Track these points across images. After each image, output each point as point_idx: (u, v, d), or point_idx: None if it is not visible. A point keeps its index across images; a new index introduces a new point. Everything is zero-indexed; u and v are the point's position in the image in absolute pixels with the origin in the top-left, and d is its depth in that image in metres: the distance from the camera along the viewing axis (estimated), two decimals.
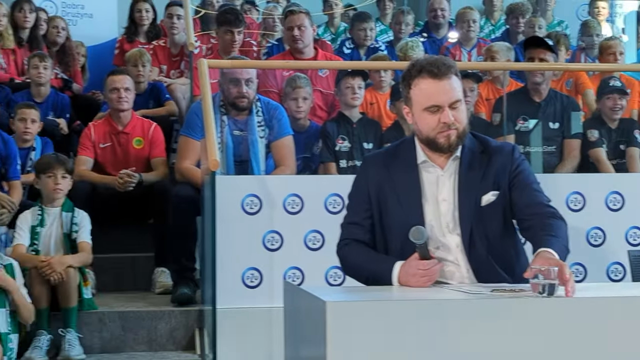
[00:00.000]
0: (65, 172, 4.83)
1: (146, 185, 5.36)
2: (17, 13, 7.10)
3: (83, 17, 8.33)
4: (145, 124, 5.72)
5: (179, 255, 4.86)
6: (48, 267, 4.48)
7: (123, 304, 4.90)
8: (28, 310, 4.31)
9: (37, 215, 4.77)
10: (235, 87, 5.08)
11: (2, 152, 5.37)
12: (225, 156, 4.98)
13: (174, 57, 7.20)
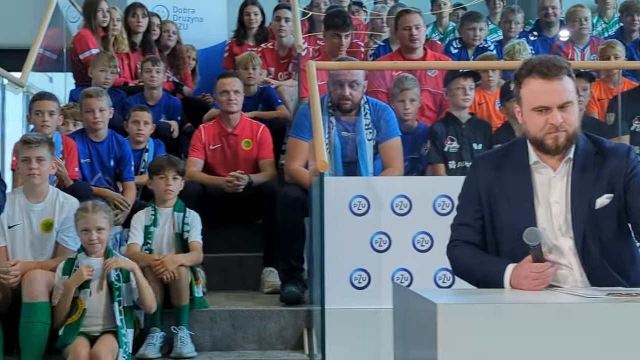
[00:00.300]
0: (176, 173, 4.92)
1: (255, 186, 5.42)
2: (130, 18, 7.28)
3: (194, 21, 8.47)
4: (254, 126, 5.78)
5: (288, 256, 4.89)
6: (161, 265, 4.57)
7: (233, 302, 4.96)
8: (150, 294, 4.40)
9: (150, 215, 4.87)
10: (340, 89, 5.09)
11: (117, 154, 5.53)
12: (333, 157, 5.00)
13: (281, 60, 7.27)
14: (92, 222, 4.35)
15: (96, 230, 4.35)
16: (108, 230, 4.41)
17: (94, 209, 4.38)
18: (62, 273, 4.37)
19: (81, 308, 4.29)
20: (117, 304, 4.32)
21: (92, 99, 5.46)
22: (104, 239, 4.40)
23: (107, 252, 4.44)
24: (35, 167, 4.55)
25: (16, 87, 6.20)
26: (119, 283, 4.36)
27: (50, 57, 7.35)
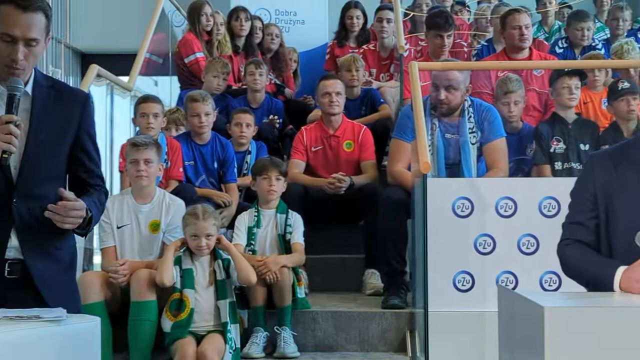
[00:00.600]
0: (279, 174, 4.96)
1: (356, 188, 5.42)
2: (233, 22, 7.36)
3: (295, 24, 8.53)
4: (355, 127, 5.77)
5: (390, 258, 4.87)
6: (264, 266, 4.61)
7: (335, 304, 4.97)
8: (247, 266, 4.46)
9: (253, 216, 4.92)
10: (436, 92, 5.06)
11: (220, 156, 5.61)
12: (436, 159, 4.96)
13: (383, 61, 7.26)
14: (201, 229, 4.43)
15: (205, 237, 4.43)
16: (215, 236, 4.50)
17: (204, 215, 4.45)
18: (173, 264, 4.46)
19: (188, 307, 4.37)
20: (224, 300, 4.39)
21: (198, 104, 5.56)
22: (212, 244, 4.48)
23: (215, 253, 4.52)
24: (143, 169, 4.66)
25: (124, 91, 6.36)
26: (224, 278, 4.43)
27: (156, 61, 7.51)
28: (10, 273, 2.86)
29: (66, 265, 3.01)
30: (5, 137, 2.72)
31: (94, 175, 3.04)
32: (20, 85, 2.81)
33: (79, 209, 2.80)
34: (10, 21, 2.78)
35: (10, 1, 2.80)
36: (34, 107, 2.90)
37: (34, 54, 2.85)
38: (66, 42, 9.43)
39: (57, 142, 2.92)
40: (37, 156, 2.87)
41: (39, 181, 2.88)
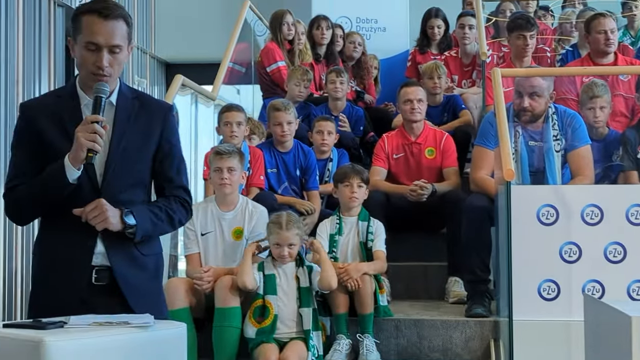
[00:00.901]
0: (361, 181, 4.96)
1: (439, 195, 5.39)
2: (314, 30, 7.39)
3: (376, 31, 8.54)
4: (437, 134, 5.75)
5: (473, 266, 4.83)
6: (345, 273, 4.61)
7: (418, 312, 4.95)
8: (331, 270, 4.48)
9: (335, 224, 4.94)
10: (519, 99, 5.00)
11: (302, 164, 5.65)
12: (520, 166, 4.91)
13: (465, 67, 7.21)
14: (284, 239, 4.48)
15: (287, 247, 4.47)
16: (298, 245, 4.53)
17: (287, 226, 4.49)
18: (257, 269, 4.50)
19: (272, 314, 4.41)
20: (307, 307, 4.41)
21: (281, 112, 5.61)
22: (294, 253, 4.52)
23: (299, 258, 4.55)
24: (226, 177, 4.72)
25: (208, 100, 6.45)
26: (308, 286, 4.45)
27: (238, 71, 7.60)
28: (97, 280, 2.93)
29: (152, 271, 3.06)
30: (91, 136, 2.80)
31: (175, 184, 3.09)
32: (106, 88, 2.89)
33: (96, 213, 2.84)
34: (94, 30, 2.88)
35: (91, 11, 2.90)
36: (117, 116, 2.98)
37: (118, 61, 2.92)
38: (151, 53, 9.60)
39: (139, 149, 2.99)
40: (120, 163, 2.94)
41: (122, 187, 2.96)
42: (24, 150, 2.98)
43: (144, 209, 2.96)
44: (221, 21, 9.09)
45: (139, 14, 9.21)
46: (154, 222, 2.98)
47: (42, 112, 2.97)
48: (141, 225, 2.93)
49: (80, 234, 2.90)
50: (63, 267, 2.92)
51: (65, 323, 2.64)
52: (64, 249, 2.92)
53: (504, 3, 7.78)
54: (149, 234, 2.98)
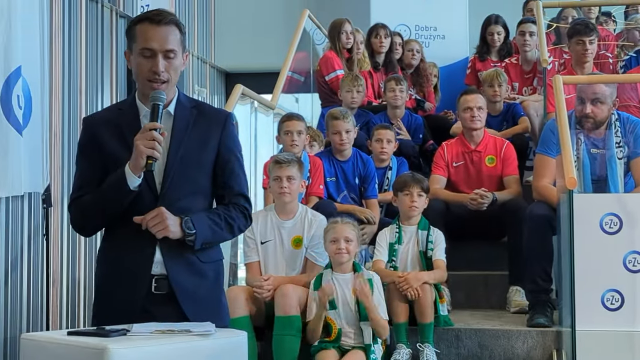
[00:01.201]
0: (421, 190, 4.94)
1: (499, 204, 5.34)
2: (373, 39, 7.40)
3: (435, 39, 8.51)
4: (497, 142, 5.69)
5: (535, 275, 4.76)
6: (405, 282, 4.59)
7: (479, 321, 4.90)
8: (381, 327, 4.41)
9: (395, 232, 4.92)
10: (581, 106, 4.93)
11: (361, 172, 5.64)
12: (582, 174, 4.83)
13: (526, 74, 7.15)
14: (340, 231, 4.45)
15: (344, 240, 4.44)
16: (355, 244, 4.49)
17: (343, 221, 4.51)
18: (313, 288, 4.50)
19: (335, 330, 4.40)
20: (366, 321, 4.39)
21: (339, 121, 5.61)
22: (352, 250, 4.48)
23: (355, 267, 4.53)
24: (285, 186, 4.73)
25: (267, 109, 6.48)
26: None
27: (297, 79, 7.63)
28: (157, 289, 2.96)
29: (212, 279, 3.08)
30: (149, 144, 2.84)
31: (234, 192, 3.10)
32: (162, 95, 2.93)
33: (157, 222, 2.87)
34: (147, 36, 2.94)
35: (144, 19, 2.97)
36: (175, 125, 3.02)
37: (173, 67, 2.97)
38: (211, 62, 9.69)
39: (197, 157, 3.02)
40: (179, 171, 2.98)
41: (182, 196, 2.99)
42: (87, 163, 3.03)
43: (203, 217, 2.98)
44: (280, 30, 9.14)
45: (199, 24, 9.31)
46: (214, 230, 3.00)
47: (103, 125, 3.03)
48: (200, 233, 2.95)
49: (140, 242, 2.94)
50: (124, 276, 2.96)
51: (128, 331, 2.68)
52: (125, 258, 2.96)
53: (565, 9, 7.69)
54: (208, 241, 3.00)
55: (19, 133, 5.06)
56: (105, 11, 6.76)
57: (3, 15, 4.98)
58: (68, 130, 6.01)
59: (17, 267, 5.26)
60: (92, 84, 6.45)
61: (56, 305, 5.74)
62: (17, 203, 5.27)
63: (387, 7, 8.45)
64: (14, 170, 5.03)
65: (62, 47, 5.99)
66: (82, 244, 6.15)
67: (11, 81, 5.02)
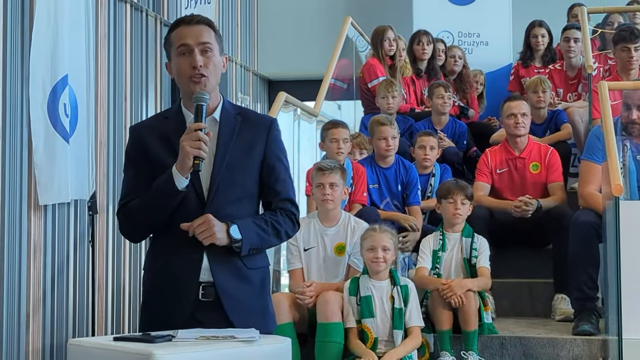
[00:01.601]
0: (464, 197, 4.91)
1: (544, 211, 5.29)
2: (415, 46, 7.38)
3: (479, 45, 8.47)
4: (542, 149, 5.64)
5: (581, 283, 4.71)
6: (448, 289, 4.57)
7: (523, 329, 4.86)
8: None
9: (438, 239, 4.90)
10: (627, 111, 4.87)
11: (404, 179, 5.63)
12: (628, 181, 4.78)
13: (570, 80, 7.09)
14: (378, 240, 4.44)
15: (381, 249, 4.43)
16: (392, 253, 4.48)
17: (380, 230, 4.49)
18: (349, 293, 4.49)
19: (371, 337, 4.38)
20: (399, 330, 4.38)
21: (386, 127, 5.61)
22: (389, 259, 4.46)
23: (392, 275, 4.51)
24: (328, 193, 4.72)
25: (310, 116, 6.50)
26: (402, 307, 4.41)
27: (340, 87, 7.64)
28: (204, 296, 2.97)
29: (257, 285, 3.08)
30: (195, 144, 2.86)
31: (281, 197, 3.10)
32: (205, 96, 2.95)
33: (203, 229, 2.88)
34: (182, 34, 3.00)
35: (177, 24, 3.05)
36: (220, 132, 3.03)
37: (212, 63, 3.00)
38: (254, 70, 9.74)
39: (243, 163, 3.03)
40: (225, 178, 2.99)
41: (228, 202, 2.99)
42: (134, 170, 3.06)
43: (250, 223, 2.99)
44: (323, 37, 9.15)
45: (242, 31, 9.36)
46: (260, 235, 3.00)
47: (149, 133, 3.06)
48: (247, 239, 2.95)
49: (188, 249, 2.95)
50: (172, 283, 2.98)
51: (173, 337, 2.69)
52: (172, 265, 2.98)
53: (611, 15, 7.62)
54: (255, 247, 3.01)
55: (65, 141, 5.13)
56: (149, 20, 6.82)
57: (50, 24, 5.05)
58: (113, 137, 6.08)
59: (64, 273, 5.33)
60: (137, 92, 6.52)
61: (102, 311, 5.80)
62: (63, 210, 5.33)
63: (429, 14, 8.44)
64: (61, 178, 5.09)
65: (107, 55, 6.06)
66: (127, 251, 6.20)
67: (58, 90, 5.10)
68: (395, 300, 4.43)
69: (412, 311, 4.44)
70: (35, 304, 5.01)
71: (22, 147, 4.96)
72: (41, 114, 4.99)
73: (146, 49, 6.72)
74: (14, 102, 4.89)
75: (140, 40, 6.62)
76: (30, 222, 5.00)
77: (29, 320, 4.95)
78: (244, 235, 2.93)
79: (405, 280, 4.57)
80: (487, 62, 8.09)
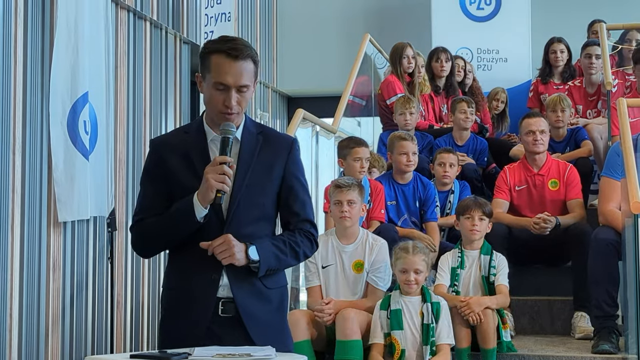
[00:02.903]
0: (482, 214, 4.90)
1: (563, 228, 5.27)
2: (433, 63, 7.37)
3: (498, 62, 8.47)
4: (560, 166, 5.62)
5: (600, 301, 4.68)
6: (466, 307, 4.55)
7: (543, 347, 4.83)
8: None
9: (457, 257, 4.89)
10: None
11: (422, 195, 5.62)
12: None
13: (590, 97, 7.07)
14: (411, 263, 4.45)
15: (414, 272, 4.44)
16: (425, 273, 4.50)
17: (414, 250, 4.48)
18: (379, 308, 4.49)
19: (398, 349, 4.38)
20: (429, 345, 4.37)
21: (407, 142, 5.61)
22: (421, 280, 4.48)
23: (423, 292, 4.51)
24: (346, 210, 4.72)
25: (328, 133, 6.50)
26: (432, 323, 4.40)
27: (359, 103, 7.65)
28: (223, 312, 2.97)
29: (276, 304, 3.08)
30: (219, 177, 2.86)
31: (300, 218, 3.09)
32: (232, 128, 2.94)
33: (223, 249, 2.88)
34: (223, 70, 2.92)
35: (221, 51, 2.94)
36: (242, 152, 3.02)
37: (245, 99, 2.98)
38: (273, 87, 9.77)
39: (263, 183, 3.02)
40: (245, 198, 2.98)
41: (247, 221, 2.99)
42: (152, 186, 3.06)
43: (268, 244, 2.99)
44: (342, 54, 9.19)
45: (262, 48, 9.40)
46: (278, 257, 3.00)
47: (169, 148, 3.06)
48: (264, 260, 2.95)
49: (207, 267, 2.95)
50: (190, 299, 2.98)
51: (189, 354, 2.69)
52: (192, 281, 2.98)
53: (630, 32, 7.59)
54: (272, 268, 3.00)
55: (85, 158, 5.16)
56: (169, 37, 6.87)
57: (70, 42, 5.10)
58: (133, 155, 6.11)
59: (83, 290, 5.35)
60: (156, 109, 6.55)
61: (120, 328, 5.81)
62: (82, 227, 5.36)
63: (448, 31, 8.45)
64: (81, 195, 5.13)
65: (127, 72, 6.10)
66: (146, 268, 6.22)
67: (78, 107, 5.14)
68: (425, 317, 4.43)
69: (443, 329, 4.44)
70: (54, 320, 5.04)
71: (42, 164, 4.99)
72: (61, 131, 5.03)
73: (166, 67, 6.76)
74: (34, 119, 4.93)
75: (159, 58, 6.66)
76: (50, 238, 5.03)
77: (47, 336, 4.98)
78: (262, 257, 2.93)
79: (437, 297, 4.56)
80: (506, 79, 8.08)
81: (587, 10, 8.60)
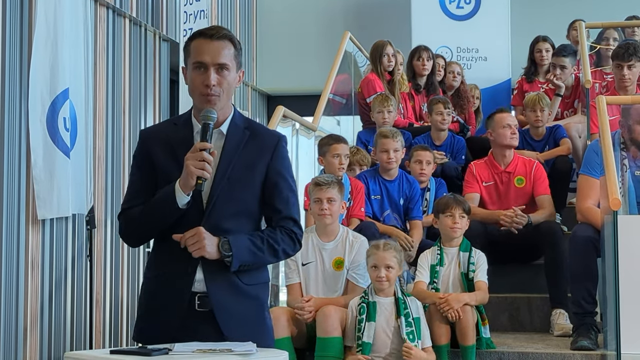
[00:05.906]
0: (462, 211, 4.90)
1: (533, 225, 5.30)
2: (415, 61, 7.36)
3: (477, 61, 8.50)
4: (527, 163, 5.66)
5: (579, 298, 4.71)
6: (445, 304, 4.55)
7: (522, 344, 4.85)
8: None
9: (436, 254, 4.89)
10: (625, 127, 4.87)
11: (407, 193, 5.64)
12: (627, 196, 4.78)
13: (566, 99, 7.11)
14: (381, 259, 4.44)
15: (385, 268, 4.43)
16: (397, 270, 4.47)
17: (384, 247, 4.48)
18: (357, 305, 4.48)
19: None
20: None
21: (388, 140, 5.62)
22: (392, 277, 4.46)
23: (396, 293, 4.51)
24: (326, 208, 4.73)
25: (308, 131, 6.50)
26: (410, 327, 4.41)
27: (339, 102, 7.65)
28: (200, 306, 2.96)
29: (254, 300, 3.06)
30: (199, 164, 2.87)
31: (282, 215, 3.07)
32: (213, 114, 2.94)
33: (194, 241, 2.89)
34: (200, 50, 2.98)
35: (199, 35, 3.01)
36: (226, 145, 3.02)
37: (227, 81, 2.98)
38: (252, 85, 9.76)
39: (245, 178, 3.02)
40: (224, 191, 2.98)
41: (227, 216, 2.99)
42: (138, 174, 3.08)
43: (244, 239, 2.97)
44: (322, 53, 9.19)
45: None
46: (253, 252, 2.98)
47: (156, 139, 3.07)
48: (237, 255, 2.93)
49: (183, 259, 2.95)
50: (165, 291, 2.98)
51: (170, 350, 2.69)
52: (168, 274, 2.99)
53: (607, 31, 7.63)
54: (246, 263, 2.98)
55: (66, 155, 5.13)
56: (148, 34, 6.84)
57: (49, 38, 5.07)
58: (112, 152, 6.08)
59: (61, 287, 5.33)
60: (135, 106, 6.53)
61: (99, 325, 5.79)
62: (61, 224, 5.33)
63: (428, 29, 8.48)
64: (61, 192, 5.10)
65: (105, 69, 6.08)
66: (125, 265, 6.20)
67: (58, 103, 5.11)
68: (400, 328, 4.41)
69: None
70: (32, 318, 5.01)
71: (21, 161, 4.96)
72: (40, 128, 5.00)
73: (145, 64, 6.73)
74: (12, 116, 4.90)
75: (139, 55, 6.64)
76: (28, 236, 5.00)
77: (26, 333, 4.95)
78: (235, 252, 2.92)
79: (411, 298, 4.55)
80: (486, 78, 8.12)
81: (566, 10, 8.66)
